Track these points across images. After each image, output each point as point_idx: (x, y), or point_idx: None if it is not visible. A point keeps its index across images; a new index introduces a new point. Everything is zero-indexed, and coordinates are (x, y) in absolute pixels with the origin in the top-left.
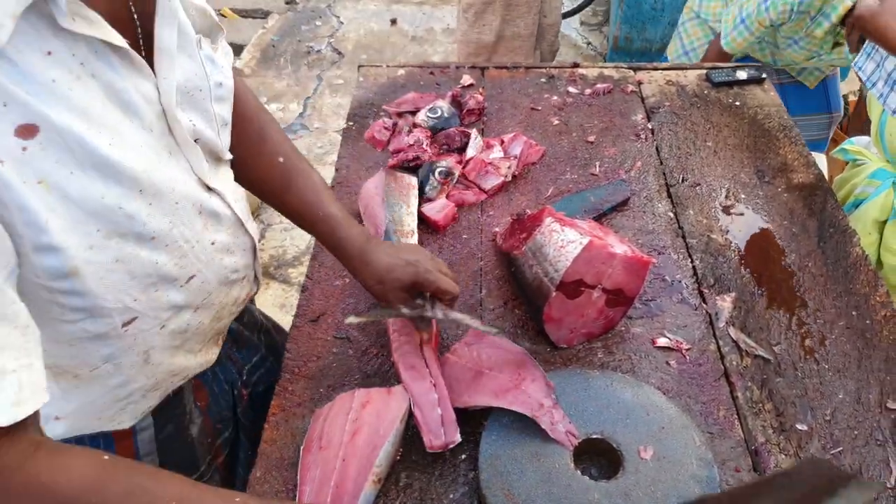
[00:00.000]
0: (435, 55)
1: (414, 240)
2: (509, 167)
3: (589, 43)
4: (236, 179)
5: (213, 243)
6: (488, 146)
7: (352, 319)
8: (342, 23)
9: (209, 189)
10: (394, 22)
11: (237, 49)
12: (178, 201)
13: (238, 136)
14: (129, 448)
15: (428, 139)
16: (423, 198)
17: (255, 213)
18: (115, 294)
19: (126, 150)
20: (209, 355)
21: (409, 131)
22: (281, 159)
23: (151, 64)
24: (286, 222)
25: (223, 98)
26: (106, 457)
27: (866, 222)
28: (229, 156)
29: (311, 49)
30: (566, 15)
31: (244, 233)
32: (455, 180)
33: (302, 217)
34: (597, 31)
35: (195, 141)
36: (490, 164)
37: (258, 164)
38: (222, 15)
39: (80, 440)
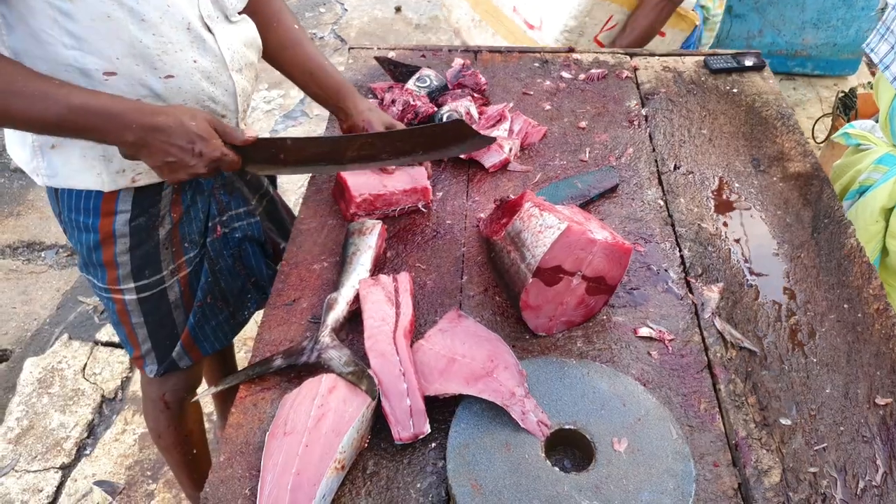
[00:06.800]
0: (439, 44)
1: None
2: (510, 149)
3: None
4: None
5: (194, 61)
6: (491, 122)
7: (211, 390)
8: (346, 10)
9: (208, 28)
10: (398, 10)
11: None
12: (169, 5)
13: (257, 11)
14: (109, 225)
15: (420, 99)
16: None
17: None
18: (101, 41)
19: None
20: None
21: (394, 101)
22: (297, 26)
23: None
24: None
25: None
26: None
27: (874, 209)
28: (237, 18)
29: (314, 36)
30: None
31: (227, 76)
32: (475, 116)
33: (293, 66)
34: None
35: None
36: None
37: (269, 30)
38: None
39: (78, 196)
